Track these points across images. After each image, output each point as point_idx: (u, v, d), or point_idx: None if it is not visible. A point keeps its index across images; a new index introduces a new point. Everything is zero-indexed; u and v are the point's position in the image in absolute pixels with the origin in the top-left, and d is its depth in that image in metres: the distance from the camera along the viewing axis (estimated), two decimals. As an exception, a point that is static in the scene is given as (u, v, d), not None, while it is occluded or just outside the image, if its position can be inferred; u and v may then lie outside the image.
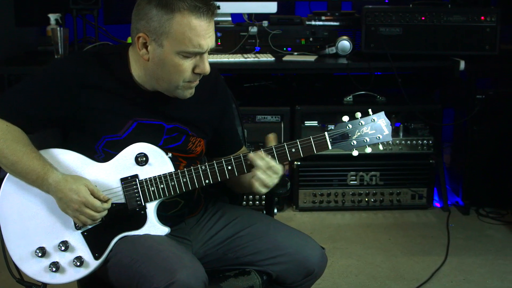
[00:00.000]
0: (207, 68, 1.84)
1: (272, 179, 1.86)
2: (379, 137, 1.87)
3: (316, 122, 3.82)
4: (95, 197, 1.80)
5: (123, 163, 1.86)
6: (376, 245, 3.41)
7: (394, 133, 3.83)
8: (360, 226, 3.68)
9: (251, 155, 1.84)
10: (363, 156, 3.80)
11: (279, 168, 1.86)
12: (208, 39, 1.79)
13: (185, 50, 1.78)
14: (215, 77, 2.06)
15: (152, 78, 1.86)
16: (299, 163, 3.80)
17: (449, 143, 4.11)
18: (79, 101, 1.85)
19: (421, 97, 4.05)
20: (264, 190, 1.87)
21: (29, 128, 1.87)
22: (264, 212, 2.29)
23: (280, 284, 2.01)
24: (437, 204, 3.97)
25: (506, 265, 3.17)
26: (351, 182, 3.86)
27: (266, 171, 1.84)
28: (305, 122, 3.80)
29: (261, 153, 1.84)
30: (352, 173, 3.85)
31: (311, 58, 3.72)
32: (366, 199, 3.88)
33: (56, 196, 1.81)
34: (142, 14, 1.79)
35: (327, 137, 1.85)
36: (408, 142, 3.82)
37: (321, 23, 4.00)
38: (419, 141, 3.83)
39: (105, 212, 1.83)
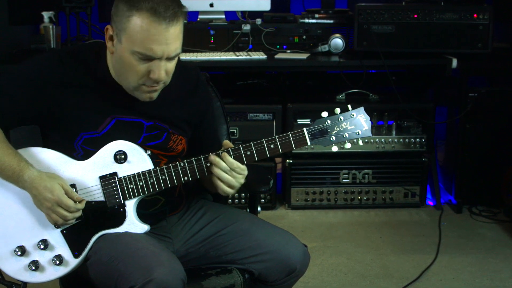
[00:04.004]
0: (161, 76, 1.79)
1: (238, 179, 1.86)
2: (358, 133, 1.86)
3: (309, 120, 3.81)
4: (69, 197, 1.79)
5: (102, 161, 1.86)
6: (367, 243, 3.41)
7: (387, 131, 3.83)
8: (352, 224, 3.67)
9: (212, 157, 1.83)
10: (355, 154, 3.87)
11: (243, 168, 1.85)
12: (164, 46, 1.75)
13: (137, 51, 1.75)
14: (196, 76, 2.06)
15: (116, 73, 1.87)
16: (291, 161, 3.80)
17: (442, 141, 4.10)
18: (54, 99, 1.85)
19: (413, 95, 4.04)
20: (230, 191, 1.87)
21: (4, 125, 1.87)
22: (248, 210, 2.29)
23: (262, 282, 2.01)
24: (430, 203, 3.96)
25: (496, 264, 3.16)
26: (344, 180, 3.86)
27: (229, 172, 1.83)
28: (298, 120, 3.79)
29: (223, 154, 1.83)
30: (344, 171, 3.85)
31: (303, 56, 3.71)
32: (359, 197, 3.87)
33: (31, 193, 1.81)
34: (114, 6, 1.80)
35: (306, 133, 1.85)
36: (401, 140, 3.81)
37: (314, 21, 4.00)
38: (412, 139, 3.81)
39: (79, 213, 1.83)
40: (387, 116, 3.84)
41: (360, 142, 1.90)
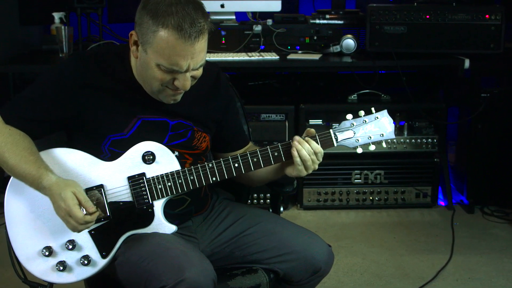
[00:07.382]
0: (185, 86, 1.81)
1: (315, 164, 1.88)
2: (382, 135, 1.89)
3: (321, 120, 3.82)
4: (83, 206, 1.76)
5: (130, 161, 1.86)
6: (381, 243, 3.41)
7: (399, 131, 3.83)
8: (365, 224, 3.68)
9: (298, 138, 1.84)
10: (367, 155, 3.84)
11: (322, 154, 1.87)
12: (190, 60, 1.76)
13: (163, 64, 1.76)
14: (217, 72, 2.08)
15: (139, 77, 1.87)
16: (303, 161, 3.79)
17: (454, 141, 4.11)
18: (80, 102, 1.85)
19: (425, 96, 4.05)
20: (304, 174, 1.88)
21: (34, 133, 1.87)
22: (271, 210, 2.29)
23: (287, 282, 2.02)
24: (442, 203, 3.97)
25: (511, 263, 3.17)
26: (356, 180, 3.86)
27: (312, 155, 1.85)
28: (310, 120, 3.80)
29: (307, 139, 1.85)
30: (356, 171, 3.85)
31: (316, 56, 3.71)
32: (371, 198, 3.88)
33: (50, 199, 1.81)
34: (138, 17, 1.79)
35: (332, 135, 1.87)
36: (413, 140, 3.82)
37: (325, 21, 4.00)
38: (424, 140, 3.82)
39: (90, 224, 1.80)
40: (398, 116, 3.83)
41: (384, 144, 1.92)
